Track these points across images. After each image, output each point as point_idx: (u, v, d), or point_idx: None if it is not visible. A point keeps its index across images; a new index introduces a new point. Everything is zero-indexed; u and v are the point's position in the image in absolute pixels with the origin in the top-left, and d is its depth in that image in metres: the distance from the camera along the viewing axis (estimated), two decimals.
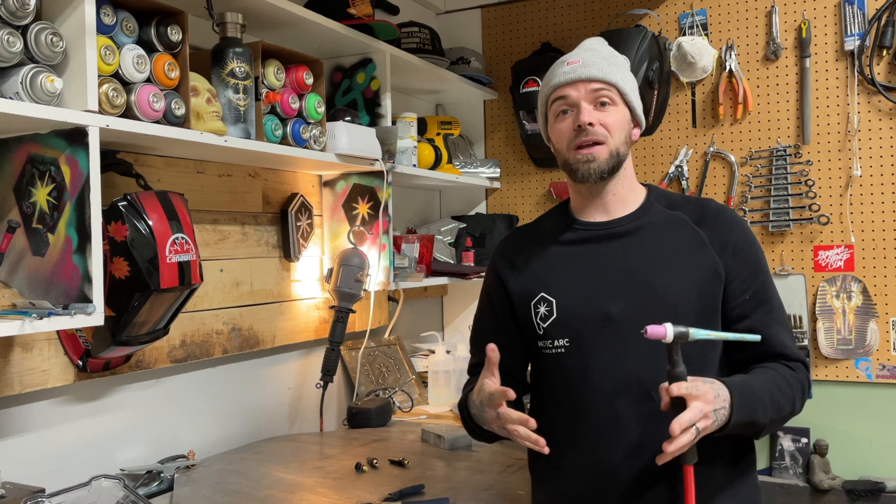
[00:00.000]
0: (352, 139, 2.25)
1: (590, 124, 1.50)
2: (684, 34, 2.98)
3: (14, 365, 1.65)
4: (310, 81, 2.13)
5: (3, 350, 1.63)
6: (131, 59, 1.59)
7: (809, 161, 2.81)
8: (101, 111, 1.52)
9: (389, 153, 2.46)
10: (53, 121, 1.44)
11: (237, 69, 1.88)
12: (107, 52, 1.53)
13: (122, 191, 1.69)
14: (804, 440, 2.78)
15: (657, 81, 2.82)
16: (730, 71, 2.90)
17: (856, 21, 2.73)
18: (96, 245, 1.47)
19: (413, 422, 2.53)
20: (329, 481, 1.89)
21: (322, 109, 2.16)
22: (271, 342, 2.36)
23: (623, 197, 1.59)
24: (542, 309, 1.56)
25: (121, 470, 1.88)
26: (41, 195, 1.52)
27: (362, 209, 2.52)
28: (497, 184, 3.30)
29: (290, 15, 2.11)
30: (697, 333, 1.34)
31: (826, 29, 2.79)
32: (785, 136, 2.86)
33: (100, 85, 1.51)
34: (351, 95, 2.57)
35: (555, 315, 1.55)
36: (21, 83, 1.39)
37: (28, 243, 1.55)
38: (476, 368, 1.70)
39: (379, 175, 2.47)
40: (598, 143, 1.52)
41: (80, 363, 1.78)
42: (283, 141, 2.05)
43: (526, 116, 3.11)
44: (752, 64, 2.90)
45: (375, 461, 2.01)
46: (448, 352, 2.84)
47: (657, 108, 2.91)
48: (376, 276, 2.50)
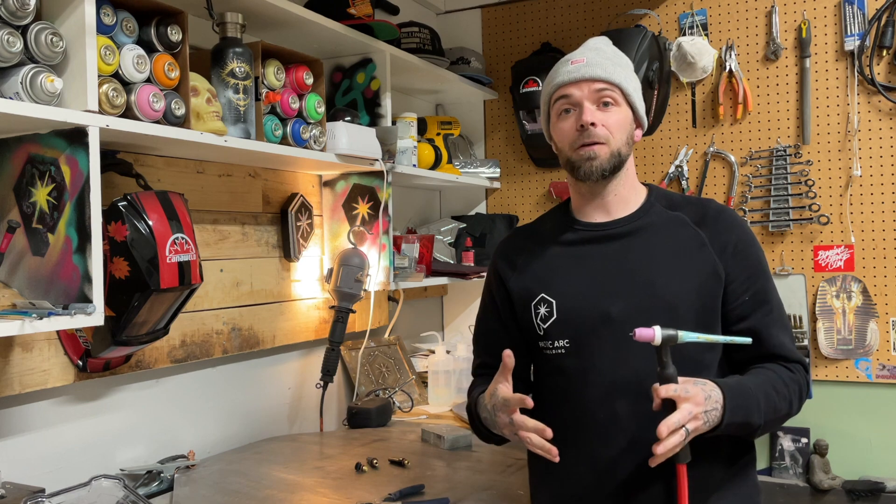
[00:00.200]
0: (352, 139, 2.25)
1: (592, 124, 1.51)
2: (684, 34, 2.98)
3: (14, 365, 1.65)
4: (310, 81, 2.13)
5: (3, 350, 1.63)
6: (131, 59, 1.59)
7: (809, 161, 2.81)
8: (101, 111, 1.52)
9: (389, 153, 2.45)
10: (53, 121, 1.44)
11: (237, 69, 1.88)
12: (107, 52, 1.53)
13: (122, 191, 1.69)
14: (804, 440, 2.78)
15: (657, 81, 2.82)
16: (730, 71, 2.90)
17: (856, 21, 2.73)
18: (96, 245, 1.47)
19: (413, 422, 2.53)
20: (329, 481, 1.89)
21: (322, 109, 2.16)
22: (271, 342, 2.36)
23: (624, 197, 1.59)
24: (543, 310, 1.56)
25: (121, 470, 1.88)
26: (41, 195, 1.52)
27: (362, 209, 2.52)
28: (497, 184, 3.30)
29: (290, 15, 2.11)
30: (686, 336, 1.34)
31: (826, 29, 2.79)
32: (785, 136, 2.86)
33: (100, 85, 1.51)
34: (351, 95, 2.57)
35: (555, 316, 1.55)
36: (21, 83, 1.39)
37: (28, 243, 1.55)
38: (481, 370, 1.70)
39: (379, 175, 2.47)
40: (600, 144, 1.52)
41: (80, 363, 1.78)
42: (283, 141, 2.05)
43: (526, 116, 3.11)
44: (752, 64, 2.90)
45: (375, 461, 2.01)
46: (448, 352, 2.84)
47: (657, 109, 2.91)
48: (376, 276, 2.50)
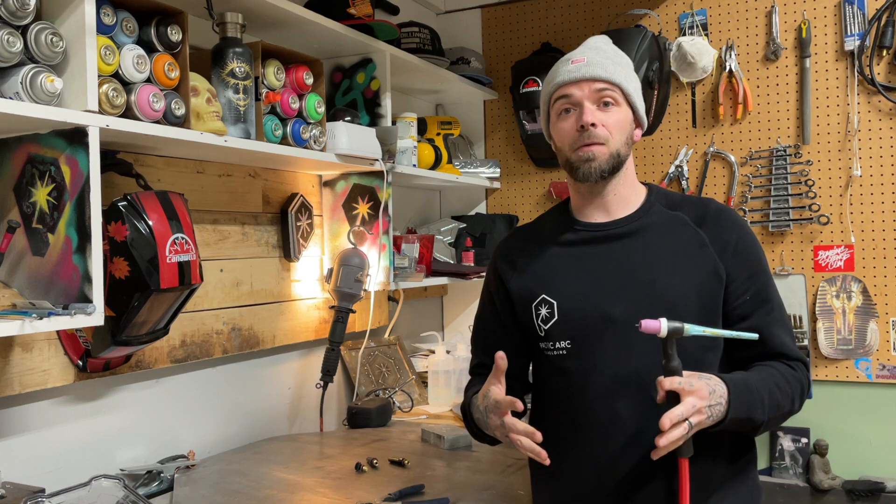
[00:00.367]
0: (352, 139, 2.25)
1: (592, 125, 1.50)
2: (684, 34, 2.98)
3: (14, 365, 1.65)
4: (310, 81, 2.13)
5: (3, 350, 1.63)
6: (131, 59, 1.59)
7: (809, 161, 2.81)
8: (101, 111, 1.52)
9: (389, 153, 2.45)
10: (53, 121, 1.44)
11: (237, 69, 1.88)
12: (107, 52, 1.53)
13: (122, 191, 1.69)
14: (804, 440, 2.78)
15: (657, 81, 2.82)
16: (730, 71, 2.90)
17: (856, 21, 2.73)
18: (96, 245, 1.47)
19: (413, 422, 2.53)
20: (329, 481, 1.89)
21: (322, 109, 2.16)
22: (271, 342, 2.35)
23: (624, 197, 1.59)
24: (544, 311, 1.56)
25: (121, 470, 1.88)
26: (41, 195, 1.52)
27: (362, 209, 2.52)
28: (497, 184, 3.30)
29: (290, 15, 2.11)
30: (692, 329, 1.35)
31: (826, 29, 2.79)
32: (785, 136, 2.86)
33: (100, 85, 1.51)
34: (351, 95, 2.57)
35: (556, 317, 1.55)
36: (21, 83, 1.39)
37: (28, 243, 1.55)
38: (478, 370, 1.70)
39: (379, 175, 2.47)
40: (599, 145, 1.52)
41: (80, 363, 1.78)
42: (283, 141, 2.05)
43: (526, 116, 3.11)
44: (752, 64, 2.90)
45: (375, 461, 2.01)
46: (448, 352, 2.84)
47: (657, 108, 2.91)
48: (376, 276, 2.50)
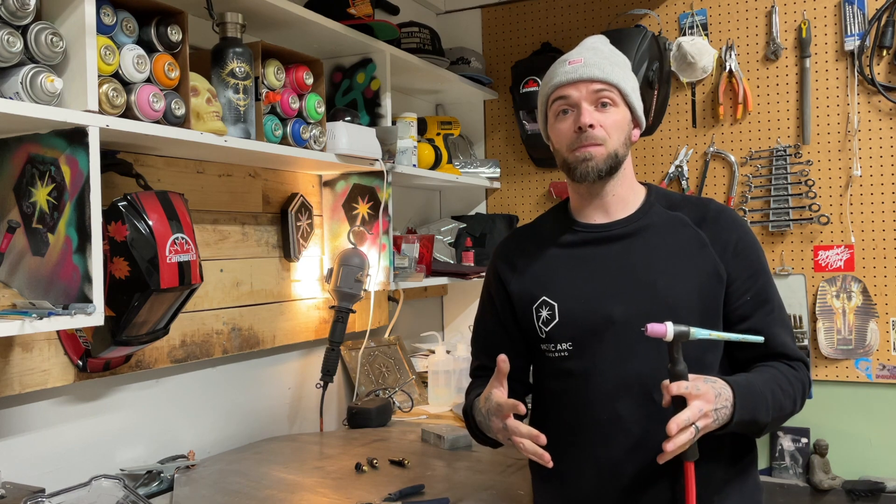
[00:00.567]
0: (352, 139, 2.25)
1: (590, 126, 1.50)
2: (684, 34, 2.98)
3: (14, 365, 1.65)
4: (310, 81, 2.13)
5: (3, 350, 1.63)
6: (131, 59, 1.59)
7: (809, 161, 2.81)
8: (101, 111, 1.52)
9: (389, 153, 2.45)
10: (53, 121, 1.44)
11: (237, 69, 1.88)
12: (107, 52, 1.53)
13: (122, 191, 1.69)
14: (804, 440, 2.78)
15: (657, 81, 2.82)
16: (730, 71, 2.90)
17: (856, 21, 2.73)
18: (96, 245, 1.47)
19: (413, 422, 2.53)
20: (329, 481, 1.89)
21: (322, 109, 2.16)
22: (271, 342, 2.35)
23: (623, 197, 1.58)
24: (545, 313, 1.56)
25: (121, 470, 1.88)
26: (41, 195, 1.52)
27: (362, 209, 2.52)
28: (497, 184, 3.30)
29: (290, 15, 2.11)
30: (698, 332, 1.34)
31: (826, 29, 2.79)
32: (785, 136, 2.86)
33: (100, 85, 1.51)
34: (351, 95, 2.57)
35: (557, 319, 1.54)
36: (21, 83, 1.39)
37: (28, 243, 1.55)
38: (479, 372, 1.70)
39: (379, 175, 2.47)
40: (596, 145, 1.52)
41: (80, 363, 1.78)
42: (283, 141, 2.05)
43: (526, 116, 3.11)
44: (752, 64, 2.90)
45: (375, 461, 2.01)
46: (448, 352, 2.84)
47: (657, 109, 2.91)
48: (376, 276, 2.50)
